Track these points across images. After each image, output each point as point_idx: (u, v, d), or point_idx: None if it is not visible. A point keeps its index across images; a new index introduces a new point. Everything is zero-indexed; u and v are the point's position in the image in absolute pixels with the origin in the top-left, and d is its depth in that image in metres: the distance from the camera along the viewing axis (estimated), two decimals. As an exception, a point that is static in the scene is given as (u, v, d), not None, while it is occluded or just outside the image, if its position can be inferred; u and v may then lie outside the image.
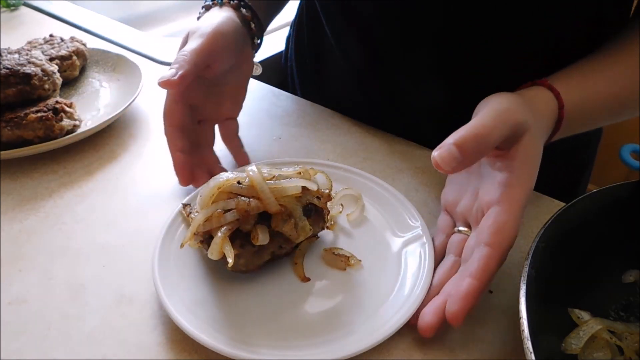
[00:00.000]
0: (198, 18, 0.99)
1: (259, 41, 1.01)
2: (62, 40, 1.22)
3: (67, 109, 1.00)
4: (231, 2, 0.97)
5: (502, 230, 0.66)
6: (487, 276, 0.64)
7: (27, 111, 0.95)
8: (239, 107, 0.97)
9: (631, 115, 0.90)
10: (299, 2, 1.29)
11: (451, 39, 0.92)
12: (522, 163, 0.70)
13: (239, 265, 0.70)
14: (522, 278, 0.59)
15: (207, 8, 0.99)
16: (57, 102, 0.99)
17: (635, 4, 0.92)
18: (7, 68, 0.98)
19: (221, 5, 0.97)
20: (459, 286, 0.64)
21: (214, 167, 0.93)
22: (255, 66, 1.00)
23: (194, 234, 0.70)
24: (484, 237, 0.66)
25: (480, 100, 0.97)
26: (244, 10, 0.96)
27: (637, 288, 0.71)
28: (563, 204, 0.78)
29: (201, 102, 0.92)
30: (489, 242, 0.65)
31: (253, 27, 0.98)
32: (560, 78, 0.82)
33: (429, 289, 0.70)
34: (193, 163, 0.90)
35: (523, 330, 0.54)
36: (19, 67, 0.99)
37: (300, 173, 0.75)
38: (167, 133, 0.89)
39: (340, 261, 0.75)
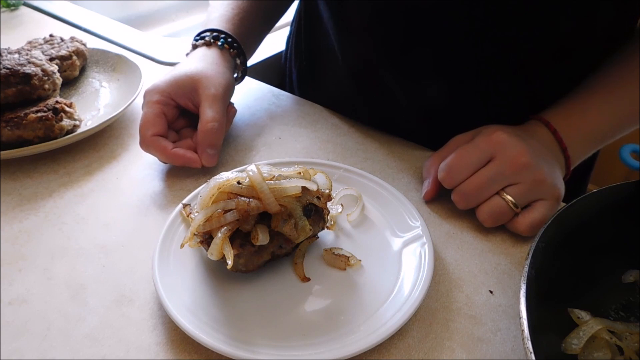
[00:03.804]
0: (187, 54, 1.05)
1: (241, 75, 1.09)
2: (62, 40, 1.22)
3: (67, 109, 1.00)
4: (218, 42, 1.03)
5: None
6: None
7: (27, 111, 0.95)
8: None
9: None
10: (297, 1, 1.29)
11: (449, 41, 0.92)
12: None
13: (239, 265, 0.70)
14: (522, 278, 0.59)
15: (194, 47, 1.05)
16: (57, 102, 0.99)
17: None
18: (7, 68, 0.98)
19: (209, 45, 1.04)
20: None
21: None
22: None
23: (194, 234, 0.70)
24: None
25: (477, 101, 0.98)
26: (230, 50, 1.04)
27: (637, 288, 0.71)
28: (563, 204, 0.79)
29: (176, 120, 0.99)
30: None
31: (239, 62, 1.06)
32: (560, 116, 0.88)
33: (429, 288, 0.70)
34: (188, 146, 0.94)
35: (523, 330, 0.54)
36: (19, 67, 0.99)
37: (300, 173, 0.75)
38: (150, 142, 0.91)
39: (340, 261, 0.75)
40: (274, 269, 0.75)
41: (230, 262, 0.66)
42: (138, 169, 0.97)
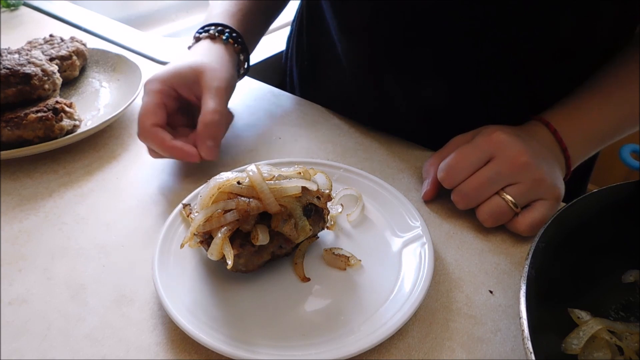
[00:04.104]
0: (189, 47, 1.04)
1: (243, 72, 1.08)
2: (62, 40, 1.22)
3: (67, 109, 1.00)
4: (222, 36, 1.01)
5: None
6: None
7: (27, 111, 0.95)
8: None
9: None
10: (299, 2, 1.29)
11: (449, 41, 0.92)
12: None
13: (239, 265, 0.70)
14: (522, 278, 0.59)
15: (197, 39, 1.03)
16: (57, 102, 0.99)
17: None
18: (7, 68, 0.98)
19: (213, 39, 1.01)
20: None
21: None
22: None
23: (194, 234, 0.70)
24: None
25: (477, 102, 0.98)
26: (235, 45, 1.02)
27: (637, 288, 0.71)
28: (563, 204, 0.79)
29: (174, 116, 0.96)
30: None
31: (242, 59, 1.05)
32: (560, 116, 0.89)
33: (429, 288, 0.70)
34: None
35: (523, 330, 0.54)
36: (19, 67, 0.99)
37: (300, 173, 0.75)
38: (149, 132, 0.89)
39: (340, 261, 0.75)
40: (274, 269, 0.75)
41: (230, 262, 0.66)
42: (138, 169, 0.97)
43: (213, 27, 1.02)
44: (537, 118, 0.88)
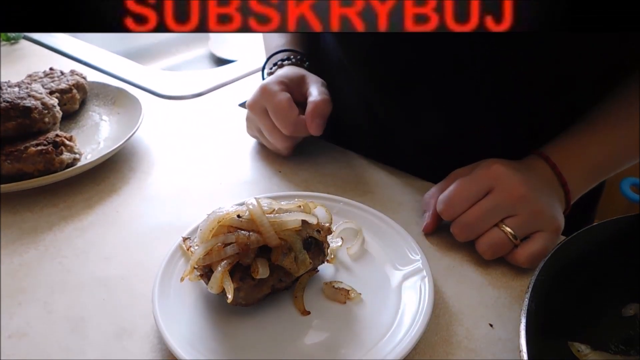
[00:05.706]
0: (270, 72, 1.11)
1: None
2: (62, 73, 1.23)
3: (67, 142, 1.00)
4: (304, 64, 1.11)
5: None
6: None
7: (27, 144, 0.95)
8: None
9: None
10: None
11: (448, 76, 0.93)
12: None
13: (239, 298, 0.70)
14: (522, 311, 0.59)
15: (280, 66, 1.11)
16: (57, 135, 0.99)
17: None
18: (7, 101, 0.98)
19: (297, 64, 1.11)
20: None
21: None
22: None
23: (194, 267, 0.70)
24: None
25: (477, 135, 0.98)
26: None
27: (637, 321, 0.71)
28: (563, 237, 0.79)
29: None
30: None
31: None
32: (559, 151, 0.89)
33: (429, 322, 0.69)
34: None
35: (524, 364, 0.54)
36: (19, 101, 0.99)
37: (300, 206, 0.75)
38: (298, 123, 0.98)
39: (340, 295, 0.75)
40: (274, 302, 0.75)
41: (230, 296, 0.66)
42: (138, 203, 0.97)
43: (292, 55, 1.12)
44: (536, 152, 0.89)
